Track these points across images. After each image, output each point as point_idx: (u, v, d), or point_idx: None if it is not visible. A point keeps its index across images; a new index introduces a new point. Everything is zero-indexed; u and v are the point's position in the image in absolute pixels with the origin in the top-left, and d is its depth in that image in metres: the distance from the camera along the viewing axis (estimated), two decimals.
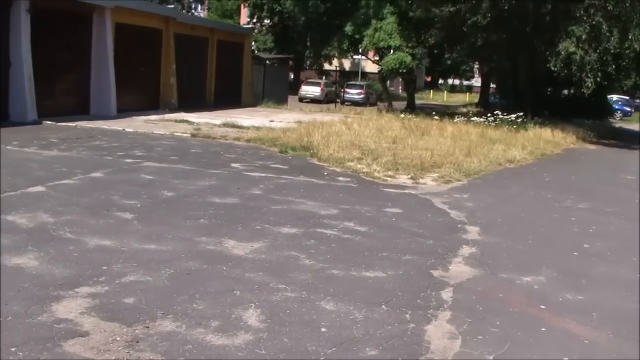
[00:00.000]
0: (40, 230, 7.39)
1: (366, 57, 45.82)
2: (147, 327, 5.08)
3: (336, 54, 55.29)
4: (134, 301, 5.58)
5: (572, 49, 23.39)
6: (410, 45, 33.46)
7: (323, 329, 5.32)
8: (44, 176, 10.26)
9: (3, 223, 7.53)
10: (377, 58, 41.60)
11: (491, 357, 5.10)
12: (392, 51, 34.94)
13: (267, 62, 37.89)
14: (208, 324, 5.24)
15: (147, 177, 10.93)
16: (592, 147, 24.21)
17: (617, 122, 40.69)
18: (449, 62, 46.84)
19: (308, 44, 53.73)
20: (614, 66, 24.76)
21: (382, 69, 35.89)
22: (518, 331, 5.64)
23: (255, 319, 5.43)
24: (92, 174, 10.76)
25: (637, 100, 65.57)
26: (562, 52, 23.76)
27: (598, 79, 23.99)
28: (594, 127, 28.66)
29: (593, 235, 9.23)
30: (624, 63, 25.71)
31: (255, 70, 32.70)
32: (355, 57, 55.79)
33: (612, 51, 23.74)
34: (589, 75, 23.74)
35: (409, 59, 33.21)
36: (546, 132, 22.88)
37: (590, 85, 23.92)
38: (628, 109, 53.40)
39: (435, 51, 37.93)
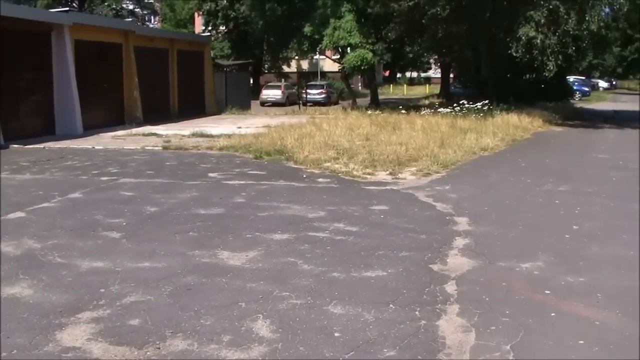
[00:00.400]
0: (29, 257, 7.19)
1: (326, 56, 45.73)
2: (159, 348, 4.94)
3: (294, 56, 55.15)
4: (139, 322, 5.43)
5: (532, 33, 23.59)
6: (370, 41, 33.49)
7: (337, 334, 5.22)
8: (22, 201, 10.00)
9: None
10: (337, 57, 41.52)
11: (508, 347, 5.06)
12: (350, 49, 34.87)
13: (227, 69, 37.57)
14: (220, 340, 5.10)
15: (127, 193, 10.72)
16: (559, 129, 24.45)
17: (577, 103, 41.20)
18: (410, 55, 46.92)
19: (265, 47, 53.49)
20: (573, 48, 24.99)
21: (343, 67, 35.83)
22: (529, 319, 5.60)
23: (266, 329, 5.31)
24: (70, 195, 10.53)
25: (593, 80, 66.63)
26: (523, 38, 23.95)
27: (559, 61, 24.20)
28: (557, 109, 28.96)
29: (580, 217, 9.26)
30: (584, 44, 25.96)
31: (217, 78, 32.46)
32: (314, 57, 55.72)
33: (571, 33, 23.95)
34: (550, 58, 23.97)
35: (370, 55, 33.22)
36: (513, 118, 23.05)
37: (552, 68, 24.16)
38: (586, 89, 54.25)
39: (396, 46, 37.94)
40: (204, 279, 6.52)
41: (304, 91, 43.33)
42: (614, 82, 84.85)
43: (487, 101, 24.83)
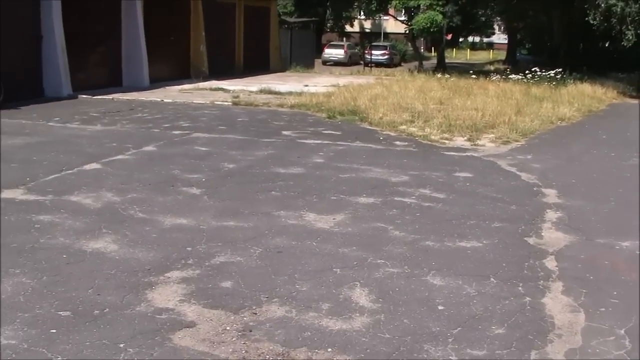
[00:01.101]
0: (109, 210, 7.00)
1: (392, 16, 44.86)
2: (255, 314, 4.69)
3: (358, 16, 54.33)
4: (231, 285, 5.18)
5: (612, 1, 22.54)
6: (440, 3, 32.61)
7: (440, 307, 4.93)
8: (97, 152, 9.87)
9: (68, 204, 7.16)
10: (404, 18, 40.69)
11: (622, 331, 4.69)
12: (419, 10, 34.07)
13: (293, 26, 37.11)
14: (319, 307, 4.83)
15: (202, 148, 10.50)
16: (634, 101, 23.51)
17: None
18: (482, 19, 45.66)
19: (329, 6, 52.76)
20: None
21: (412, 28, 35.05)
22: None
23: (366, 298, 5.02)
24: (144, 148, 10.35)
25: None
26: (602, 5, 22.91)
27: (639, 31, 23.12)
28: (631, 80, 27.83)
29: None
30: None
31: (282, 35, 32.05)
32: (378, 17, 54.81)
33: None
34: (630, 27, 22.89)
35: (440, 17, 32.43)
36: (587, 88, 22.24)
37: (631, 38, 23.13)
38: None
39: (467, 8, 36.92)
40: (294, 241, 6.25)
41: (367, 52, 42.61)
42: None
43: (560, 69, 23.92)
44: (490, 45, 77.48)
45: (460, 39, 77.01)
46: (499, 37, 70.38)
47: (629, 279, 5.75)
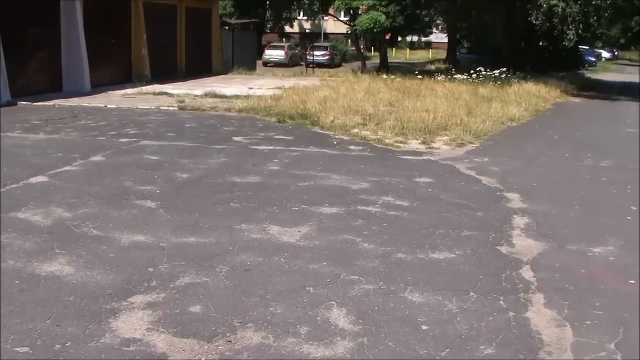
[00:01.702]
0: (61, 228, 6.56)
1: (334, 17, 44.70)
2: (230, 342, 4.36)
3: (297, 17, 54.08)
4: (201, 309, 4.84)
5: (553, 1, 22.79)
6: (383, 3, 32.54)
7: (424, 327, 4.68)
8: (42, 163, 9.35)
9: (16, 222, 6.70)
10: (347, 18, 40.55)
11: (612, 346, 4.53)
12: (361, 10, 33.95)
13: (234, 27, 36.59)
14: (297, 332, 4.52)
15: (152, 157, 10.07)
16: (577, 100, 23.87)
17: (585, 73, 40.54)
18: (426, 19, 45.84)
19: (268, 6, 52.35)
20: (595, 17, 24.23)
21: (355, 29, 34.90)
22: (624, 313, 5.11)
23: (345, 320, 4.74)
24: (92, 158, 9.87)
25: (597, 50, 65.90)
26: (544, 5, 23.14)
27: (580, 31, 23.45)
28: (572, 79, 28.26)
29: (633, 197, 8.72)
30: (606, 14, 25.15)
31: (223, 37, 31.52)
32: (318, 18, 54.66)
33: (593, 2, 23.19)
34: (571, 27, 23.18)
35: (383, 17, 32.34)
36: (531, 87, 22.44)
37: (572, 37, 23.46)
38: (593, 59, 53.46)
39: (410, 9, 36.96)
40: (260, 257, 5.92)
41: (308, 52, 42.35)
42: (616, 53, 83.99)
43: (503, 69, 24.07)
44: (429, 45, 78.13)
45: (399, 39, 77.46)
46: (437, 37, 70.99)
47: (608, 287, 5.57)
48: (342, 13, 41.58)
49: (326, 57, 44.50)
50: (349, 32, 41.71)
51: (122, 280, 5.33)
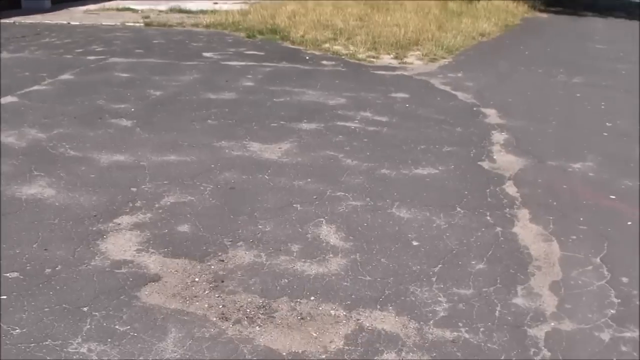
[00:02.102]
0: (37, 149, 6.39)
1: None
2: (223, 261, 4.29)
3: None
4: (189, 229, 4.76)
5: None
6: None
7: (414, 242, 4.68)
8: (10, 83, 9.04)
9: None
10: None
11: (598, 260, 4.57)
12: None
13: None
14: (289, 250, 4.48)
15: (123, 75, 9.79)
16: (544, 15, 23.68)
17: None
18: None
19: None
20: None
21: None
22: (607, 227, 5.18)
23: (336, 237, 4.71)
24: (60, 77, 9.57)
25: None
26: None
27: None
28: None
29: (607, 113, 8.76)
30: None
31: None
32: None
33: None
34: None
35: None
36: (499, 2, 22.15)
37: None
38: None
39: None
40: (244, 175, 5.83)
41: None
42: None
43: None
44: None
45: None
46: None
47: (590, 203, 5.61)
48: None
49: None
50: None
51: (106, 201, 5.21)
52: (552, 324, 3.83)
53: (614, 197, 5.84)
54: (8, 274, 4.07)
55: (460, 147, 6.93)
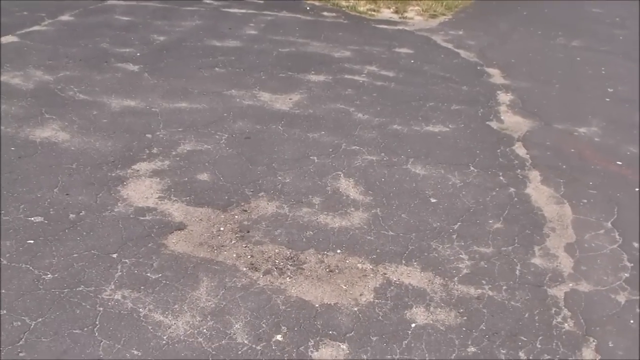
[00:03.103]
0: (45, 92, 6.31)
1: None
2: (246, 211, 4.32)
3: None
4: (209, 177, 4.77)
5: None
6: None
7: (432, 200, 4.75)
8: (8, 22, 8.87)
9: None
10: None
11: (609, 224, 4.67)
12: None
13: None
14: (310, 202, 4.53)
15: (123, 18, 9.64)
16: None
17: None
18: None
19: None
20: None
21: None
22: (616, 192, 5.26)
23: (355, 191, 4.77)
24: (60, 18, 9.41)
25: None
26: None
27: None
28: None
29: (608, 78, 8.79)
30: None
31: None
32: None
33: None
34: None
35: None
36: None
37: None
38: None
39: None
40: (257, 125, 5.84)
41: None
42: None
43: None
44: None
45: None
46: None
47: (599, 167, 5.68)
48: None
49: None
50: None
51: (122, 147, 5.19)
52: (570, 284, 3.90)
53: (620, 162, 5.89)
54: (32, 218, 4.06)
55: (468, 106, 6.95)
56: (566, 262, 4.15)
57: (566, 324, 3.51)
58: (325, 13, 11.35)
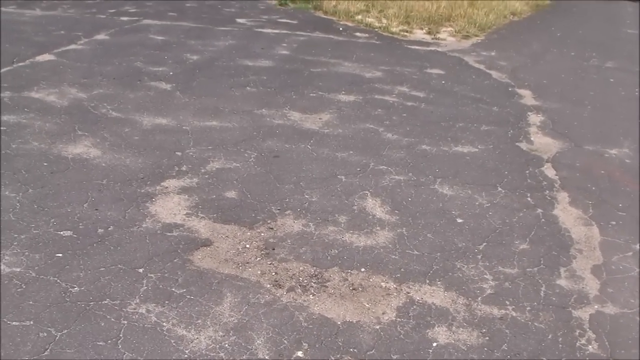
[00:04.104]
0: (79, 109, 6.43)
1: None
2: (272, 229, 4.35)
3: None
4: (237, 195, 4.81)
5: None
6: None
7: (459, 220, 4.72)
8: (46, 41, 9.06)
9: (31, 102, 6.58)
10: None
11: (637, 246, 4.61)
12: None
13: None
14: (336, 221, 4.53)
15: (158, 37, 9.80)
16: None
17: None
18: None
19: None
20: None
21: None
22: None
23: (381, 210, 4.76)
24: (96, 37, 9.58)
25: None
26: None
27: None
28: None
29: None
30: None
31: None
32: None
33: None
34: None
35: None
36: None
37: None
38: None
39: None
40: (287, 144, 5.89)
41: None
42: None
43: None
44: None
45: None
46: None
47: (628, 189, 5.62)
48: None
49: None
50: None
51: (152, 164, 5.27)
52: (596, 306, 3.87)
53: None
54: (62, 232, 4.14)
55: (497, 127, 6.94)
56: (592, 284, 4.11)
57: (590, 346, 3.49)
58: (358, 34, 11.43)
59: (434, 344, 3.38)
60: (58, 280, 3.62)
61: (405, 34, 11.87)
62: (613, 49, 12.61)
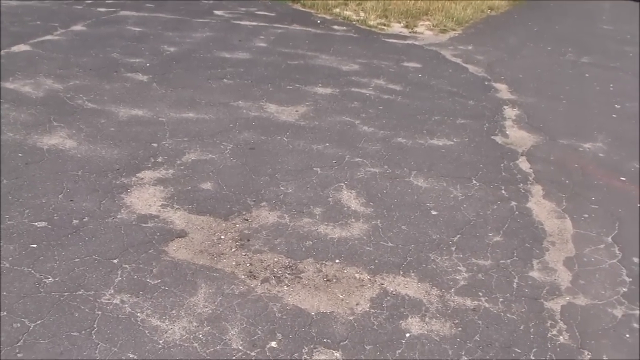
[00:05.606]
0: (54, 100, 6.40)
1: None
2: (247, 220, 4.37)
3: None
4: (212, 187, 4.83)
5: None
6: None
7: (433, 212, 4.77)
8: (22, 31, 8.98)
9: (6, 93, 6.57)
10: None
11: (609, 239, 4.67)
12: None
13: None
14: (311, 212, 4.56)
15: (135, 29, 9.76)
16: None
17: None
18: None
19: None
20: None
21: None
22: (617, 208, 5.26)
23: (356, 202, 4.79)
24: (72, 28, 9.52)
25: None
26: None
27: None
28: None
29: (616, 94, 8.82)
30: None
31: None
32: None
33: None
34: None
35: None
36: None
37: None
38: None
39: None
40: (262, 136, 5.90)
41: None
42: None
43: None
44: None
45: None
46: None
47: (601, 183, 5.70)
48: None
49: None
50: None
51: (128, 155, 5.26)
52: (567, 298, 3.92)
53: (624, 178, 5.91)
54: (36, 223, 4.13)
55: (473, 120, 6.99)
56: (564, 275, 4.17)
57: (561, 337, 3.54)
58: (335, 27, 11.44)
59: (407, 335, 3.42)
60: (32, 271, 3.61)
61: (383, 27, 11.90)
62: (588, 44, 12.72)
